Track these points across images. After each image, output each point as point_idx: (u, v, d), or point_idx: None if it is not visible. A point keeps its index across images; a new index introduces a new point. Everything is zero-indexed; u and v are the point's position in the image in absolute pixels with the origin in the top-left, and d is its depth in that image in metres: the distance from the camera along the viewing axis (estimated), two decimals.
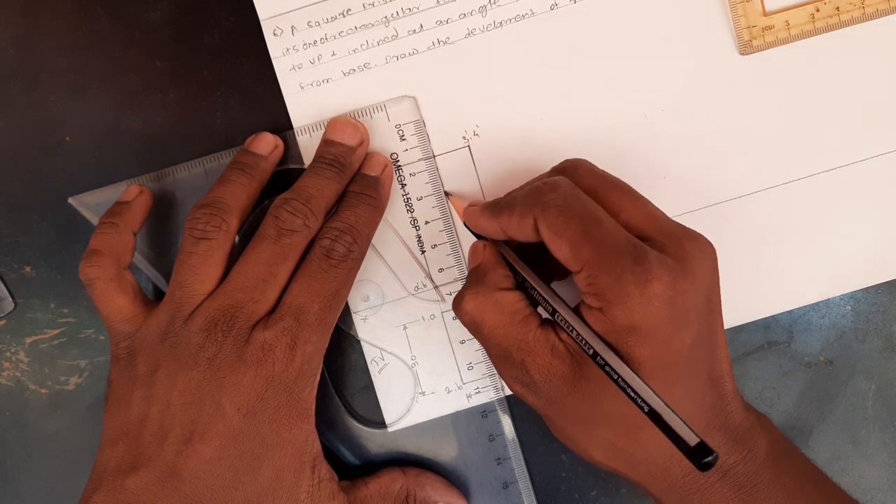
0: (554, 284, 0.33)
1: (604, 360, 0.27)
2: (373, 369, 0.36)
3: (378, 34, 0.35)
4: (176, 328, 0.31)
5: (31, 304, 0.36)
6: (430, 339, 0.36)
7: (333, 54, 0.35)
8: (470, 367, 0.36)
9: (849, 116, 0.35)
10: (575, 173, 0.31)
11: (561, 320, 0.29)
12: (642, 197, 0.30)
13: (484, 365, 0.36)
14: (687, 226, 0.30)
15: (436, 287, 0.36)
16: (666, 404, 0.25)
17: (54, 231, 0.36)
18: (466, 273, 0.34)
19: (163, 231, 0.36)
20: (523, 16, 0.35)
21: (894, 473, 0.36)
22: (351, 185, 0.34)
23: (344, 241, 0.32)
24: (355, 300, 0.36)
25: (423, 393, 0.36)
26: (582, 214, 0.28)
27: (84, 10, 0.36)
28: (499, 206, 0.31)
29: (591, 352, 0.27)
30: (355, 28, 0.35)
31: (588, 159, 0.32)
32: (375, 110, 0.35)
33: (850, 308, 0.36)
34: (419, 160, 0.35)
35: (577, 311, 0.29)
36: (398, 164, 0.35)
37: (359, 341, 0.36)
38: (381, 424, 0.36)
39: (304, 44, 0.35)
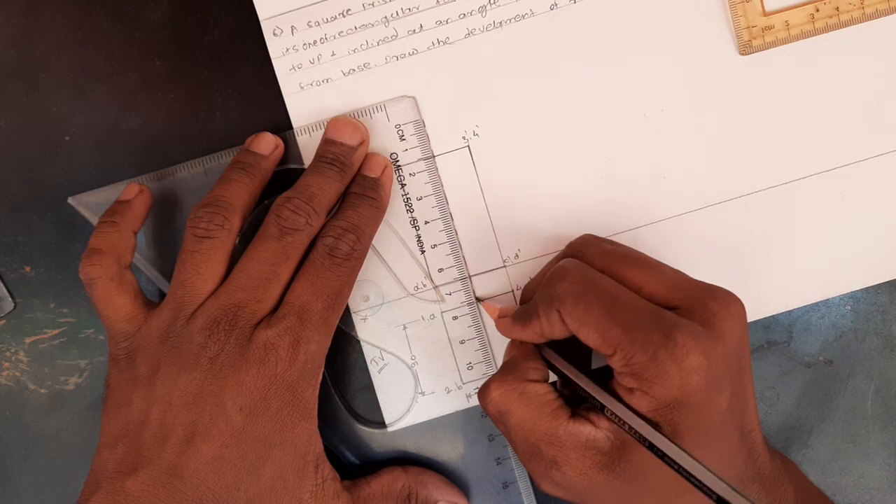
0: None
1: (659, 448, 0.27)
2: (373, 369, 0.36)
3: (378, 34, 0.35)
4: (178, 328, 0.30)
5: (31, 303, 0.36)
6: (429, 339, 0.36)
7: (333, 54, 0.35)
8: (470, 367, 0.36)
9: (848, 116, 0.35)
10: (585, 254, 0.31)
11: (603, 408, 0.28)
12: (658, 263, 0.30)
13: (484, 365, 0.36)
14: (711, 283, 0.30)
15: (435, 287, 0.36)
16: (728, 485, 0.25)
17: (54, 231, 0.36)
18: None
19: (163, 231, 0.36)
20: (523, 16, 0.35)
21: (894, 473, 0.36)
22: (352, 186, 0.34)
23: (347, 239, 0.32)
24: (355, 300, 0.36)
25: (422, 393, 0.36)
26: (600, 297, 0.28)
27: (84, 9, 0.36)
28: (525, 315, 0.31)
29: (636, 436, 0.27)
30: (355, 28, 0.35)
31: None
32: (375, 110, 0.35)
33: (849, 308, 0.36)
34: (419, 160, 0.35)
35: (613, 391, 0.29)
36: (398, 163, 0.35)
37: (358, 341, 0.36)
38: (381, 424, 0.36)
39: (304, 44, 0.35)
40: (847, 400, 0.36)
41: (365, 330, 0.36)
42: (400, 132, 0.35)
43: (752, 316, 0.36)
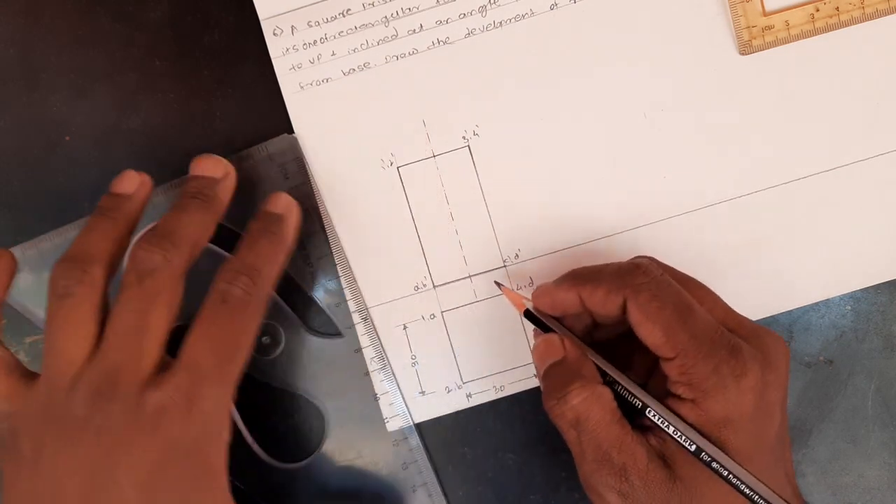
0: None
1: (711, 456, 0.27)
2: (371, 368, 0.36)
3: (378, 34, 0.35)
4: (58, 401, 0.27)
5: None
6: (429, 338, 0.36)
7: (333, 54, 0.35)
8: (470, 367, 0.36)
9: (848, 116, 0.35)
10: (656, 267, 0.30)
11: (657, 417, 0.28)
12: (716, 293, 0.30)
13: (483, 365, 0.36)
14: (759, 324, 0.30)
15: (435, 287, 0.36)
16: (779, 496, 0.25)
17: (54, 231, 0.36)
18: (536, 370, 0.31)
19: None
20: (523, 15, 0.35)
21: (894, 473, 0.36)
22: (252, 222, 0.31)
23: (240, 283, 0.29)
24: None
25: (422, 393, 0.36)
26: (676, 301, 0.28)
27: (84, 9, 0.36)
28: (581, 277, 0.30)
29: (693, 448, 0.27)
30: (355, 28, 0.35)
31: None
32: (259, 151, 0.35)
33: (849, 308, 0.36)
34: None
35: (665, 404, 0.28)
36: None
37: (264, 382, 0.35)
38: (294, 460, 0.35)
39: (304, 43, 0.35)
40: (847, 400, 0.36)
41: (364, 329, 0.36)
42: (283, 171, 0.35)
43: (752, 316, 0.36)
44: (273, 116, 0.35)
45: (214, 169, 0.32)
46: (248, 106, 0.36)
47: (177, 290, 0.29)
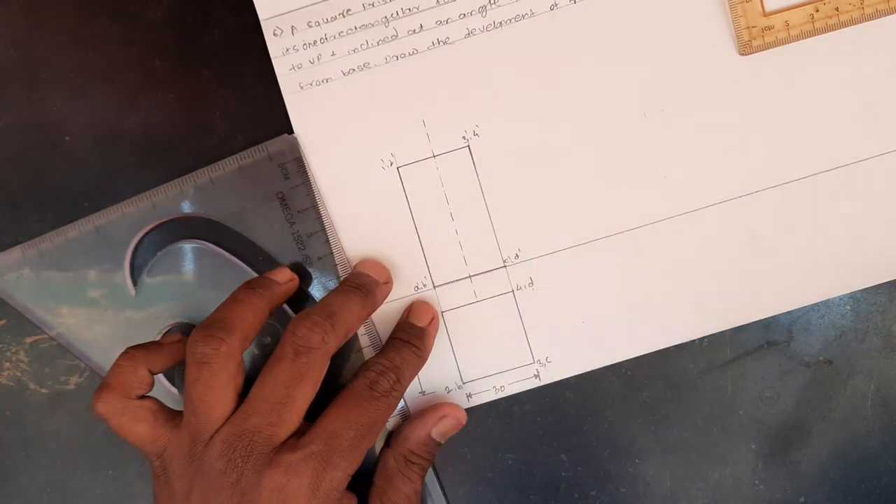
0: None
1: None
2: None
3: (378, 34, 0.35)
4: (198, 451, 0.30)
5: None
6: None
7: (333, 54, 0.35)
8: (470, 367, 0.36)
9: (848, 116, 0.35)
10: None
11: None
12: None
13: (483, 365, 0.36)
14: None
15: (435, 287, 0.36)
16: None
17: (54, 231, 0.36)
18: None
19: None
20: (523, 16, 0.35)
21: (894, 473, 0.36)
22: (397, 332, 0.34)
23: (388, 377, 0.32)
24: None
25: (423, 393, 0.36)
26: None
27: (84, 9, 0.36)
28: None
29: None
30: (355, 28, 0.35)
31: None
32: (258, 151, 0.35)
33: (849, 308, 0.36)
34: (305, 196, 0.35)
35: None
36: (285, 202, 0.35)
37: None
38: None
39: (304, 44, 0.35)
40: (847, 400, 0.36)
41: (364, 329, 0.36)
42: (283, 171, 0.35)
43: (752, 316, 0.36)
44: (273, 116, 0.35)
45: (379, 272, 0.34)
46: (248, 106, 0.36)
47: (324, 370, 0.31)
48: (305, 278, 0.35)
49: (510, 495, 0.36)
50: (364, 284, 0.33)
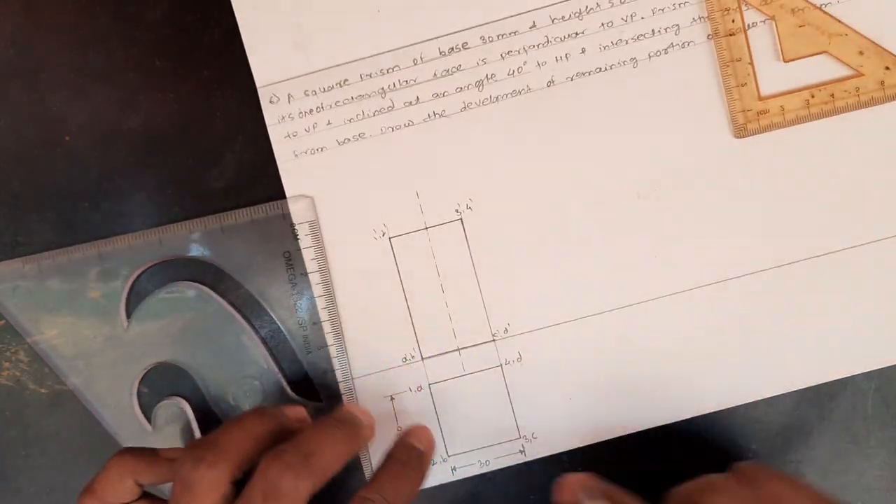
0: None
1: None
2: None
3: (374, 105, 0.35)
4: None
5: None
6: (416, 410, 0.36)
7: (329, 123, 0.35)
8: (455, 441, 0.36)
9: (842, 202, 0.35)
10: (755, 478, 0.29)
11: None
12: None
13: (469, 439, 0.36)
14: None
15: (423, 359, 0.35)
16: None
17: (54, 231, 0.36)
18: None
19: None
20: (520, 91, 0.35)
21: (894, 473, 0.36)
22: (395, 450, 0.32)
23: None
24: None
25: None
26: None
27: (84, 9, 0.36)
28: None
29: None
30: (352, 98, 0.35)
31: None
32: (272, 208, 0.35)
33: None
34: (312, 259, 0.35)
35: None
36: (290, 261, 0.35)
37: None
38: None
39: (300, 112, 0.35)
40: (847, 400, 0.36)
41: (350, 399, 0.35)
42: (294, 231, 0.35)
43: (742, 398, 0.36)
44: None
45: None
46: (248, 106, 0.36)
47: None
48: (299, 342, 0.35)
49: (510, 495, 0.36)
50: (348, 420, 0.31)
